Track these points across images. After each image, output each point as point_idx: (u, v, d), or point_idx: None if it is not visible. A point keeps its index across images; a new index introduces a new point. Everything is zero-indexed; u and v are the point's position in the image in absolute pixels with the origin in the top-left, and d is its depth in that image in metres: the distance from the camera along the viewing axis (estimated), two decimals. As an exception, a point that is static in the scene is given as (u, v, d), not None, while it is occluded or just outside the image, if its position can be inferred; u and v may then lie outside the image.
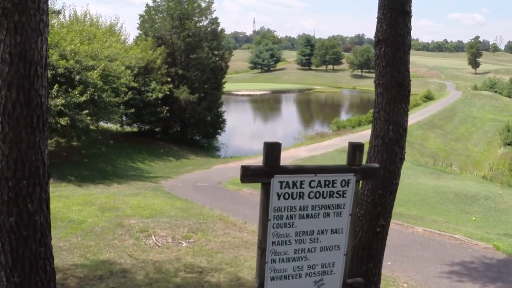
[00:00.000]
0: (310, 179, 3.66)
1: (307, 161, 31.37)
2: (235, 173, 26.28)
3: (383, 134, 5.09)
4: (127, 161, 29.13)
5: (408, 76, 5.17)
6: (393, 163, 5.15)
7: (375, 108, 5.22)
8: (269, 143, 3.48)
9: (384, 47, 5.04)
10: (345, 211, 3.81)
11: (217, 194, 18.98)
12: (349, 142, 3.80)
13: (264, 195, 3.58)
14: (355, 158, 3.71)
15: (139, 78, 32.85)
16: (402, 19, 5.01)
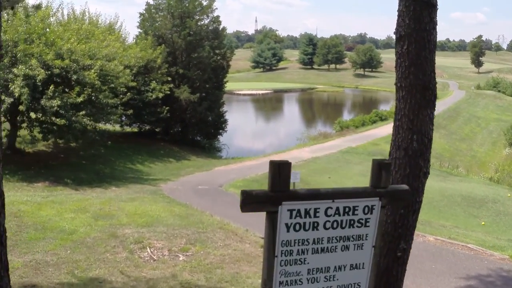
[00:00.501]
0: (327, 206, 2.99)
1: (311, 162, 30.72)
2: (237, 175, 25.65)
3: (406, 145, 4.42)
4: (126, 162, 28.48)
5: (434, 78, 4.50)
6: (417, 178, 4.48)
7: (396, 114, 4.55)
8: (276, 163, 2.81)
9: (407, 44, 4.36)
10: (367, 243, 3.15)
11: (218, 198, 18.32)
12: (374, 159, 3.14)
13: (269, 226, 2.91)
14: (380, 178, 3.04)
15: (139, 77, 32.19)
16: (428, 12, 4.34)
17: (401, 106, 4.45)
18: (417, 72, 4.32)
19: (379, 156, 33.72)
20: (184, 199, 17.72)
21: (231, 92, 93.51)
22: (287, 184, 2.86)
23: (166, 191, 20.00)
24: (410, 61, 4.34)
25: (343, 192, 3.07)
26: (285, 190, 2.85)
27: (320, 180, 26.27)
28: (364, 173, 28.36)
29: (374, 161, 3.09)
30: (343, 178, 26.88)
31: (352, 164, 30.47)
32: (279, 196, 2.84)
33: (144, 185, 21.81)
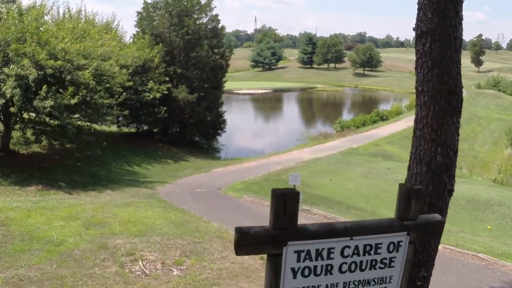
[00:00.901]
0: (343, 245, 2.39)
1: (311, 163, 30.11)
2: (235, 177, 25.05)
3: (429, 159, 3.83)
4: (122, 164, 27.86)
5: (460, 81, 3.90)
6: (441, 197, 3.89)
7: (417, 123, 3.95)
8: (280, 193, 2.22)
9: (430, 42, 3.76)
10: (391, 286, 2.56)
11: (216, 203, 17.74)
12: (401, 184, 2.55)
13: (271, 271, 2.30)
14: (409, 209, 2.45)
15: (136, 77, 31.60)
16: (453, 5, 3.74)
17: (423, 114, 3.84)
18: (441, 74, 3.72)
19: (380, 157, 33.15)
20: (181, 204, 17.13)
21: (230, 92, 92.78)
22: (293, 219, 2.25)
23: (163, 194, 19.41)
24: (433, 62, 3.74)
25: (364, 227, 2.46)
26: (292, 227, 2.25)
27: (321, 182, 25.67)
28: (366, 175, 27.78)
29: (402, 187, 2.49)
30: (345, 180, 26.28)
31: (353, 166, 29.87)
32: (284, 235, 2.24)
33: (140, 188, 21.20)
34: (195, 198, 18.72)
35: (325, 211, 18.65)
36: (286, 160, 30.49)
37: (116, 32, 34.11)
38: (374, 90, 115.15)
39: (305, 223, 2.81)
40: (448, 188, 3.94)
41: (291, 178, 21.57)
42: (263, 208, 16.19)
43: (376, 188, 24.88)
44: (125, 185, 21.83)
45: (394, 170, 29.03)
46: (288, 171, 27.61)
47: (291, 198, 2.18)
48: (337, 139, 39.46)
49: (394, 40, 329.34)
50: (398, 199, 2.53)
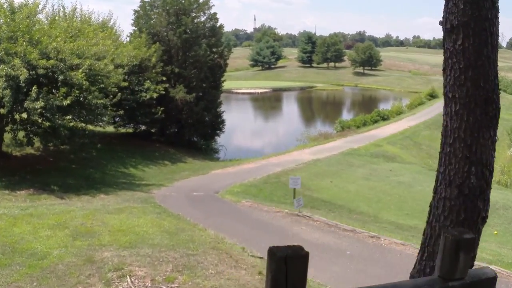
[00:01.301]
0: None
1: (311, 165, 29.46)
2: (234, 180, 24.39)
3: (461, 180, 3.17)
4: (118, 166, 27.20)
5: (498, 86, 3.24)
6: (473, 225, 3.22)
7: (446, 137, 3.29)
8: (281, 255, 1.52)
9: (462, 38, 3.10)
10: None
11: (213, 207, 17.09)
12: (445, 232, 1.88)
13: None
14: (456, 265, 1.79)
15: (133, 77, 30.93)
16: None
17: (454, 126, 3.18)
18: (476, 77, 3.07)
19: (382, 158, 32.49)
20: (176, 209, 16.49)
21: (230, 91, 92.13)
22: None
23: (158, 198, 18.75)
24: (466, 62, 3.09)
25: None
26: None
27: (322, 185, 25.03)
28: (367, 177, 27.14)
29: (447, 236, 1.84)
30: (346, 182, 25.64)
31: (354, 167, 29.22)
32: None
33: (135, 191, 20.54)
34: (191, 203, 18.06)
35: (326, 217, 18.01)
36: (285, 162, 29.83)
37: (112, 31, 33.41)
38: (374, 89, 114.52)
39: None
40: (482, 215, 3.27)
41: (291, 182, 20.93)
42: (262, 213, 15.55)
43: (378, 190, 24.25)
44: (120, 188, 21.17)
45: (396, 172, 28.40)
46: (288, 173, 26.97)
47: (297, 263, 1.50)
48: (337, 140, 38.79)
49: (393, 39, 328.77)
50: (440, 252, 1.88)
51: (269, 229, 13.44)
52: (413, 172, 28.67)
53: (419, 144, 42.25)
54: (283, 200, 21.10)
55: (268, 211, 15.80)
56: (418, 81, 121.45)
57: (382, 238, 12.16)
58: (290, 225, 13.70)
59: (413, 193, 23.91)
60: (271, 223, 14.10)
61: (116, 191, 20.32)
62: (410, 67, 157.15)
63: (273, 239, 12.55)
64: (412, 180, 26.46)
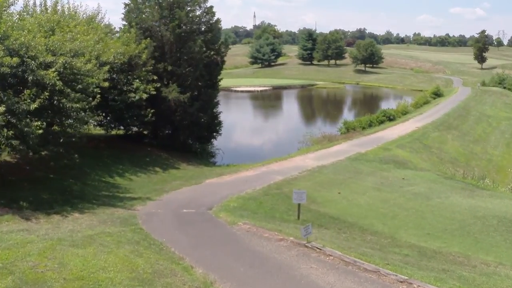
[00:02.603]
0: None
1: (316, 172, 26.87)
2: (231, 191, 21.84)
3: None
4: (103, 175, 24.55)
5: None
6: None
7: None
8: None
9: None
10: None
11: (204, 232, 14.44)
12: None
13: None
14: None
15: (121, 76, 28.33)
16: None
17: None
18: None
19: (392, 164, 29.94)
20: (160, 233, 13.90)
21: (229, 89, 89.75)
22: None
23: (142, 218, 16.14)
24: None
25: None
26: None
27: (329, 197, 22.44)
28: (379, 186, 24.54)
29: None
30: (355, 194, 23.04)
31: (363, 175, 26.62)
32: None
33: (116, 208, 17.90)
34: (179, 224, 15.44)
35: (337, 239, 15.43)
36: (287, 169, 27.22)
37: (99, 26, 30.75)
38: (375, 87, 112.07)
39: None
40: None
41: (295, 196, 18.35)
42: (262, 242, 12.93)
43: (392, 204, 21.66)
44: (100, 204, 18.51)
45: (410, 181, 25.80)
46: (290, 182, 24.40)
47: None
48: (343, 143, 36.16)
49: (394, 37, 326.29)
50: None
51: (271, 267, 10.83)
52: (428, 181, 26.06)
53: (429, 147, 39.69)
54: (286, 217, 18.52)
55: (269, 238, 13.17)
56: (421, 79, 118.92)
57: (415, 283, 9.56)
58: (296, 262, 11.08)
59: (432, 207, 21.33)
60: (274, 258, 11.48)
61: (94, 208, 17.68)
62: (411, 65, 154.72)
63: (277, 284, 9.94)
64: (428, 191, 23.87)
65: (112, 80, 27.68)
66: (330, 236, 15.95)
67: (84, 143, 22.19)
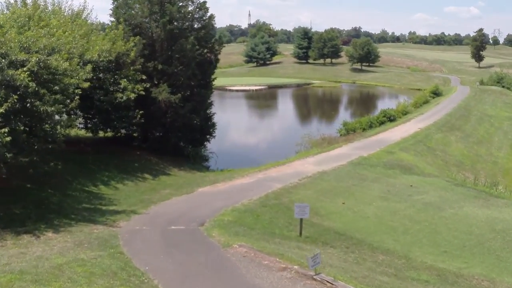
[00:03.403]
0: None
1: (317, 179, 24.98)
2: (225, 202, 19.90)
3: None
4: (86, 183, 22.53)
5: None
6: None
7: None
8: None
9: None
10: None
11: (194, 258, 12.48)
12: None
13: None
14: None
15: (107, 75, 26.34)
16: None
17: None
18: None
19: (398, 169, 28.10)
20: (143, 259, 11.98)
21: (223, 88, 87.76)
22: None
23: (124, 237, 14.19)
24: None
25: None
26: None
27: (333, 207, 20.56)
28: (386, 195, 22.67)
29: None
30: (361, 204, 21.17)
31: (368, 182, 24.75)
32: None
33: (96, 224, 15.95)
34: (166, 246, 13.50)
35: (345, 260, 13.57)
36: (286, 175, 25.31)
37: (84, 22, 28.77)
38: (372, 86, 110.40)
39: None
40: None
41: (297, 210, 16.45)
42: (261, 271, 11.02)
43: (402, 216, 19.81)
44: (78, 219, 16.54)
45: (419, 189, 23.95)
46: (290, 191, 22.50)
47: None
48: (343, 145, 34.28)
49: (389, 35, 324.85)
50: None
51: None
52: (438, 189, 24.22)
53: (433, 150, 37.90)
54: (286, 233, 16.65)
55: (270, 266, 11.25)
56: (418, 78, 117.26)
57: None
58: (304, 301, 9.21)
59: (445, 219, 19.49)
60: (276, 295, 9.59)
61: (71, 224, 15.73)
62: (408, 63, 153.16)
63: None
64: (439, 200, 22.03)
65: (98, 79, 25.80)
66: (337, 258, 14.09)
67: (63, 148, 20.11)
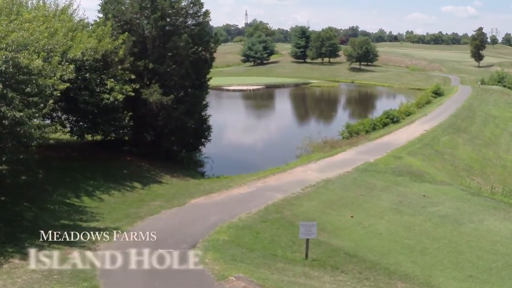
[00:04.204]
0: None
1: (321, 188, 22.92)
2: (220, 216, 17.83)
3: None
4: (68, 194, 20.39)
5: None
6: None
7: None
8: None
9: None
10: None
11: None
12: None
13: None
14: None
15: (93, 75, 24.22)
16: None
17: None
18: None
19: (407, 176, 26.07)
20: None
21: (220, 88, 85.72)
22: None
23: (102, 266, 12.11)
24: None
25: None
26: None
27: (340, 222, 18.51)
28: (398, 207, 20.61)
29: None
30: (371, 217, 19.12)
31: (377, 191, 22.73)
32: None
33: (72, 247, 13.84)
34: (151, 279, 11.40)
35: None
36: (287, 184, 23.24)
37: (69, 18, 26.61)
38: (371, 86, 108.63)
39: None
40: None
41: (303, 230, 14.36)
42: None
43: (418, 232, 17.78)
44: (51, 241, 14.38)
45: (433, 199, 21.91)
46: (292, 202, 20.42)
47: None
48: (347, 150, 32.23)
49: (387, 35, 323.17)
50: None
51: None
52: (454, 199, 22.18)
53: (441, 154, 35.92)
54: (290, 255, 14.60)
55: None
56: (418, 77, 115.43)
57: None
58: None
59: (466, 235, 17.48)
60: None
61: (43, 247, 13.61)
62: (407, 63, 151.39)
63: None
64: (457, 212, 20.02)
65: (84, 80, 23.75)
66: (350, 286, 12.05)
67: (36, 160, 18.09)
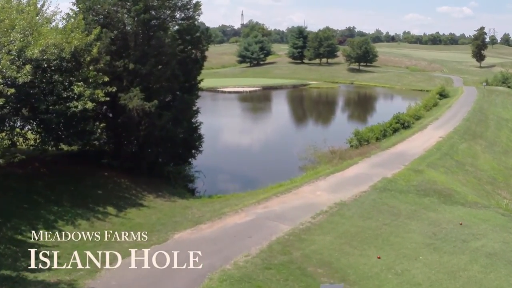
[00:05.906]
0: None
1: (336, 214, 18.74)
2: (210, 261, 13.62)
3: None
4: (21, 226, 16.20)
5: None
6: None
7: None
8: None
9: None
10: None
11: None
12: None
13: None
14: None
15: (60, 77, 20.05)
16: None
17: None
18: None
19: (434, 195, 21.97)
20: None
21: (215, 90, 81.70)
22: None
23: None
24: None
25: None
26: None
27: (365, 267, 14.35)
28: (433, 241, 16.45)
29: None
30: (403, 258, 14.99)
31: (403, 218, 18.61)
32: None
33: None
34: None
35: None
36: (294, 210, 19.08)
37: (33, 10, 22.41)
38: (371, 87, 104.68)
39: None
40: None
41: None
42: None
43: (466, 280, 13.66)
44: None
45: (471, 228, 17.78)
46: (302, 237, 16.24)
47: None
48: (359, 162, 28.06)
49: (384, 35, 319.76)
50: None
51: None
52: (497, 228, 18.06)
53: (463, 164, 31.85)
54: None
55: None
56: (419, 78, 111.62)
57: None
58: None
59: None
60: None
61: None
62: (406, 63, 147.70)
63: None
64: (505, 247, 15.95)
65: (49, 83, 19.63)
66: None
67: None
